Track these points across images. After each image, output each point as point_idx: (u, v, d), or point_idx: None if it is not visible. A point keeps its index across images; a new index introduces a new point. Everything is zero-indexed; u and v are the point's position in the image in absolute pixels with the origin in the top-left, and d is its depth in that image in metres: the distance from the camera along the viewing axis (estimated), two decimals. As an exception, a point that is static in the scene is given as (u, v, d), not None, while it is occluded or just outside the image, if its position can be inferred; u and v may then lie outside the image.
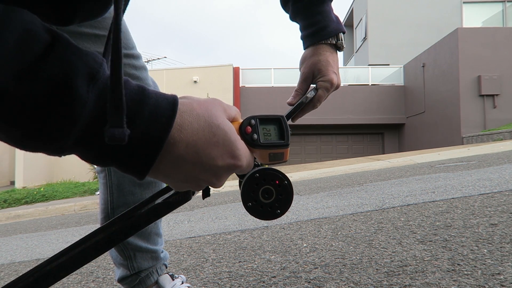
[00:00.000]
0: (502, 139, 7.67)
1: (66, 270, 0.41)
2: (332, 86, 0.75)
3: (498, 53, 9.65)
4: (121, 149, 0.32)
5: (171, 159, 0.34)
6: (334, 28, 0.74)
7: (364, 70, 13.86)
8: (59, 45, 0.29)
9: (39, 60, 0.27)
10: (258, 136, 0.41)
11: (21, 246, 2.95)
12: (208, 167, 0.36)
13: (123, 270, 0.95)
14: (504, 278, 1.02)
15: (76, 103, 0.29)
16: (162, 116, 0.32)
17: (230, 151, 0.37)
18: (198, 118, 0.35)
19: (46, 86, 0.27)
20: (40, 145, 0.30)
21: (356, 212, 2.28)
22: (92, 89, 0.29)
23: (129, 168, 0.34)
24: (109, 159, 0.33)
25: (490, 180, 2.77)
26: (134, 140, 0.32)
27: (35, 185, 9.60)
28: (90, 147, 0.32)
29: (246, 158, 0.39)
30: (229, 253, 1.72)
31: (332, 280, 1.18)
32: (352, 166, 6.05)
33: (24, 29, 0.27)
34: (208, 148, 0.35)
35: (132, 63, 0.82)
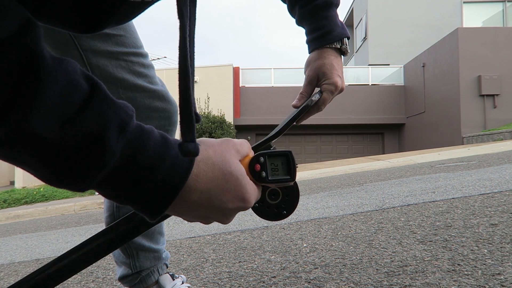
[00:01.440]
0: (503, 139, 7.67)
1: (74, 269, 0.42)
2: (336, 89, 0.76)
3: (498, 53, 9.65)
4: (138, 193, 0.35)
5: (185, 204, 0.37)
6: (339, 33, 0.75)
7: (364, 70, 13.85)
8: (97, 98, 0.31)
9: (79, 111, 0.30)
10: (266, 174, 0.43)
11: (21, 246, 2.95)
12: (219, 210, 0.39)
13: (125, 268, 0.95)
14: (504, 278, 1.01)
15: (106, 153, 0.31)
16: (181, 168, 0.35)
17: (240, 195, 0.40)
18: (213, 167, 0.38)
19: (82, 136, 0.30)
20: (66, 184, 0.33)
21: (356, 212, 2.28)
22: (121, 139, 0.32)
23: (143, 209, 0.36)
24: (127, 200, 0.35)
25: (491, 180, 2.77)
26: (152, 186, 0.34)
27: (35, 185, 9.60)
28: (112, 189, 0.34)
29: (254, 198, 0.42)
30: (229, 253, 1.72)
31: (332, 280, 1.18)
32: (352, 166, 6.05)
33: (68, 80, 0.29)
34: (221, 194, 0.38)
35: (141, 62, 0.83)
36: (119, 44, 0.78)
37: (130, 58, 0.80)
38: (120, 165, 0.33)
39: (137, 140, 0.33)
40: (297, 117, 0.71)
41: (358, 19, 17.51)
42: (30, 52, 0.27)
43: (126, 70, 0.79)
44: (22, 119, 0.27)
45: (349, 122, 12.89)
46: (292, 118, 0.70)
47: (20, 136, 0.28)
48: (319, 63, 0.75)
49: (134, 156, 0.33)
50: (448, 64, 10.18)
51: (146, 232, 0.94)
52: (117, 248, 0.45)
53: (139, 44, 0.84)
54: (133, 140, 0.33)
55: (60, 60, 0.30)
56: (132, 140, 0.33)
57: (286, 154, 0.45)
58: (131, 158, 0.33)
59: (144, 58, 0.84)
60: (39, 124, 0.28)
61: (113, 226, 0.44)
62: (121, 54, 0.78)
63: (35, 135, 0.28)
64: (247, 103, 12.90)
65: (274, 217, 0.49)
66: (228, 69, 12.91)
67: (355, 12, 18.29)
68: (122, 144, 0.32)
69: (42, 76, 0.28)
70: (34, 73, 0.27)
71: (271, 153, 0.45)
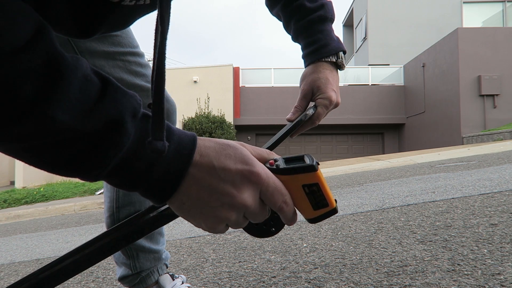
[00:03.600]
0: (502, 139, 7.67)
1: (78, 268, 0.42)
2: (331, 103, 0.75)
3: (498, 53, 9.65)
4: (147, 178, 0.37)
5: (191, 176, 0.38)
6: (335, 47, 0.76)
7: (364, 70, 13.85)
8: (111, 88, 0.35)
9: (97, 101, 0.33)
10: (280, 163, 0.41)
11: (21, 246, 2.95)
12: (223, 175, 0.38)
13: (125, 269, 0.95)
14: (504, 278, 1.01)
15: (124, 135, 0.34)
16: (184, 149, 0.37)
17: (242, 159, 0.39)
18: (209, 140, 0.40)
19: (105, 122, 0.33)
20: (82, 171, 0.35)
21: (356, 212, 2.28)
22: (134, 124, 0.36)
23: (152, 194, 0.38)
24: (136, 185, 0.37)
25: (490, 180, 2.77)
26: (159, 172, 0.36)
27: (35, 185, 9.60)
28: (122, 175, 0.36)
29: (261, 167, 0.39)
30: (229, 253, 1.72)
31: (332, 280, 1.18)
32: (352, 166, 6.05)
33: (84, 75, 0.33)
34: (221, 157, 0.38)
35: (138, 61, 0.83)
36: (115, 44, 0.78)
37: (127, 58, 0.80)
38: (134, 147, 0.35)
39: (146, 125, 0.37)
40: (291, 131, 0.71)
41: (358, 19, 17.51)
42: (51, 51, 0.30)
43: (124, 70, 0.79)
44: (50, 111, 0.30)
45: (349, 122, 12.89)
46: (286, 132, 0.70)
47: (49, 126, 0.31)
48: (314, 77, 0.75)
49: (144, 139, 0.36)
50: (448, 64, 10.18)
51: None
52: (121, 249, 0.45)
53: (135, 44, 0.84)
54: (143, 124, 0.36)
55: (77, 57, 0.33)
56: (142, 124, 0.36)
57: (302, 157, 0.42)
58: (142, 141, 0.36)
59: (140, 57, 0.85)
60: (65, 114, 0.31)
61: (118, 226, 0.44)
62: (118, 54, 0.78)
63: (62, 124, 0.31)
64: (247, 103, 12.91)
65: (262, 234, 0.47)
66: (228, 69, 12.91)
67: (355, 12, 18.29)
68: (135, 128, 0.36)
69: (64, 72, 0.31)
70: (58, 70, 0.31)
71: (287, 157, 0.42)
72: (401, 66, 13.37)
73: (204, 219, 0.39)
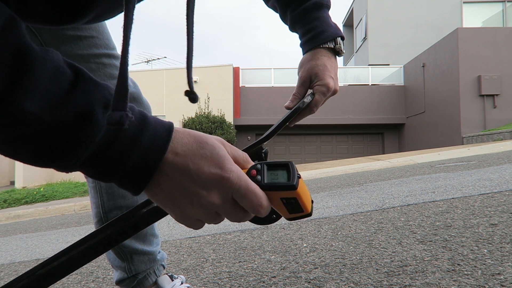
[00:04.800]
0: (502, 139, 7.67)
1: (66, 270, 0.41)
2: (328, 90, 0.75)
3: (498, 53, 9.65)
4: (121, 169, 0.37)
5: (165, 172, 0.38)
6: (332, 33, 0.75)
7: (364, 70, 13.85)
8: (82, 80, 0.35)
9: (67, 92, 0.33)
10: (262, 178, 0.41)
11: (21, 246, 2.95)
12: (196, 177, 0.38)
13: (121, 272, 0.95)
14: (504, 278, 1.01)
15: (95, 126, 0.34)
16: (160, 140, 0.37)
17: (217, 162, 0.39)
18: (189, 135, 0.39)
19: (74, 113, 0.33)
20: (57, 162, 0.35)
21: (356, 212, 2.28)
22: (107, 117, 0.35)
23: (127, 184, 0.38)
24: (111, 176, 0.37)
25: (490, 180, 2.77)
26: (133, 163, 0.36)
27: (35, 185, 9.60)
28: (96, 165, 0.36)
29: (236, 173, 0.39)
30: (229, 253, 1.72)
31: (332, 280, 1.18)
32: (352, 166, 6.05)
33: (55, 67, 0.33)
34: (196, 158, 0.38)
35: (113, 63, 0.82)
36: (91, 46, 0.77)
37: (101, 60, 0.79)
38: (106, 138, 0.35)
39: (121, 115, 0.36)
40: (289, 119, 0.70)
41: (358, 19, 17.51)
42: (19, 43, 0.31)
43: (97, 73, 0.78)
44: (18, 101, 0.31)
45: (349, 122, 12.88)
46: (284, 120, 0.69)
47: (18, 118, 0.31)
48: (312, 64, 0.74)
49: (117, 130, 0.36)
50: (448, 64, 10.18)
51: (138, 235, 0.93)
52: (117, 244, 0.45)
53: (111, 46, 0.83)
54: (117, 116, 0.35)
55: (47, 50, 0.34)
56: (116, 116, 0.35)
57: (286, 165, 0.42)
58: (115, 132, 0.36)
59: (116, 59, 0.83)
60: (34, 105, 0.31)
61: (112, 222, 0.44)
62: (92, 56, 0.78)
63: (31, 115, 0.31)
64: (247, 103, 12.91)
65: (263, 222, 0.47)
66: (228, 69, 12.91)
67: (355, 12, 18.29)
68: (108, 121, 0.35)
69: (33, 64, 0.31)
70: (25, 62, 0.31)
71: (270, 163, 0.42)
72: (401, 66, 13.37)
73: (175, 212, 0.40)
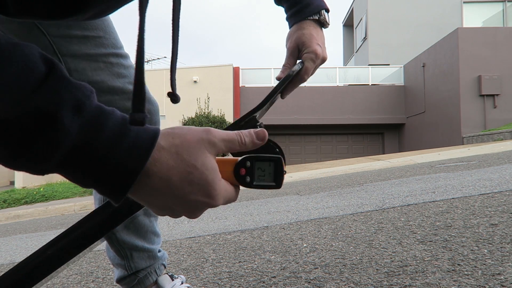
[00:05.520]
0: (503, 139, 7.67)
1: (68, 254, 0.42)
2: (317, 57, 0.76)
3: (498, 53, 9.65)
4: (98, 174, 0.35)
5: (147, 189, 0.37)
6: (317, 5, 0.77)
7: (364, 70, 13.85)
8: (52, 78, 0.32)
9: (33, 91, 0.31)
10: (251, 179, 0.43)
11: (21, 246, 2.95)
12: (181, 201, 0.38)
13: (121, 270, 0.95)
14: (504, 278, 1.01)
15: (60, 132, 0.32)
16: (140, 150, 0.35)
17: (205, 190, 0.38)
18: (176, 156, 0.37)
19: (35, 115, 0.31)
20: (24, 166, 0.34)
21: (356, 212, 2.28)
22: (76, 120, 0.33)
23: (105, 192, 0.36)
24: (89, 182, 0.35)
25: (491, 180, 2.77)
26: (111, 167, 0.34)
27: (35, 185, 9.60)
28: (71, 171, 0.34)
29: (223, 197, 0.40)
30: (229, 253, 1.72)
31: (332, 280, 1.18)
32: (352, 166, 6.05)
33: (24, 62, 0.31)
34: (182, 184, 0.37)
35: (121, 62, 0.82)
36: (98, 45, 0.77)
37: (109, 60, 0.79)
38: (78, 145, 0.33)
39: (95, 120, 0.34)
40: (280, 87, 0.71)
41: (358, 19, 17.51)
42: None
43: (105, 72, 0.79)
44: None
45: (349, 122, 12.88)
46: (275, 89, 0.70)
47: None
48: (299, 34, 0.76)
49: (91, 136, 0.33)
50: (448, 64, 10.18)
51: (138, 232, 0.93)
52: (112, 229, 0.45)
53: (118, 45, 0.83)
54: (90, 120, 0.33)
55: (17, 44, 0.31)
56: (89, 120, 0.33)
57: (275, 160, 0.44)
58: (88, 139, 0.33)
59: (124, 59, 0.84)
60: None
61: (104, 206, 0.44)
62: (100, 55, 0.78)
63: None
64: (247, 103, 12.90)
65: None
66: (228, 69, 12.91)
67: (355, 12, 18.28)
68: (78, 124, 0.33)
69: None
70: None
71: (260, 157, 0.43)
72: (401, 66, 13.36)
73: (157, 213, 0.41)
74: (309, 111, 12.88)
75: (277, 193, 4.13)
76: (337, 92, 13.15)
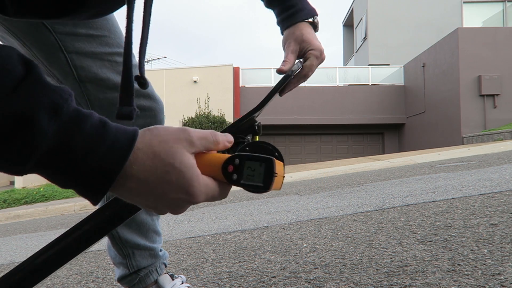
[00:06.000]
0: (503, 139, 7.67)
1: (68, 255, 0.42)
2: (321, 53, 0.77)
3: (498, 53, 9.65)
4: (76, 176, 0.35)
5: (125, 189, 0.37)
6: (310, 10, 0.79)
7: (364, 70, 13.85)
8: (29, 80, 0.32)
9: (10, 93, 0.31)
10: (239, 177, 0.41)
11: (21, 246, 2.95)
12: (162, 200, 0.38)
13: (123, 269, 0.95)
14: (504, 278, 1.01)
15: (36, 134, 0.32)
16: (118, 152, 0.35)
17: (185, 188, 0.38)
18: (153, 156, 0.37)
19: (11, 117, 0.31)
20: (2, 166, 0.34)
21: (356, 212, 2.28)
22: (53, 122, 0.33)
23: (83, 193, 0.36)
24: (66, 183, 0.36)
25: (491, 180, 2.77)
26: (89, 169, 0.35)
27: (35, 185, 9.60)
28: (50, 172, 0.35)
29: (205, 194, 0.40)
30: (229, 253, 1.72)
31: (332, 280, 1.18)
32: (352, 166, 6.05)
33: (1, 64, 0.31)
34: (160, 184, 0.37)
35: None
36: (103, 44, 0.78)
37: (114, 58, 0.80)
38: (55, 147, 0.33)
39: (72, 122, 0.34)
40: (278, 88, 0.70)
41: (358, 19, 17.51)
42: None
43: (111, 70, 0.80)
44: None
45: (349, 122, 12.88)
46: (273, 89, 0.68)
47: None
48: (298, 34, 0.77)
49: (68, 138, 0.33)
50: (448, 64, 10.18)
51: (140, 231, 0.94)
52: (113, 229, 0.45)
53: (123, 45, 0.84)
54: (67, 122, 0.33)
55: None
56: (66, 122, 0.33)
57: (266, 161, 0.41)
58: (65, 141, 0.33)
59: None
60: None
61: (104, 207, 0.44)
62: (106, 54, 0.79)
63: None
64: (247, 103, 12.90)
65: None
66: (228, 69, 12.91)
67: (355, 12, 18.28)
68: (56, 127, 0.33)
69: None
70: None
71: (251, 156, 0.42)
72: (401, 66, 13.36)
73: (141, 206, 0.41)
74: (309, 111, 12.88)
75: (277, 193, 4.13)
76: (337, 92, 13.15)
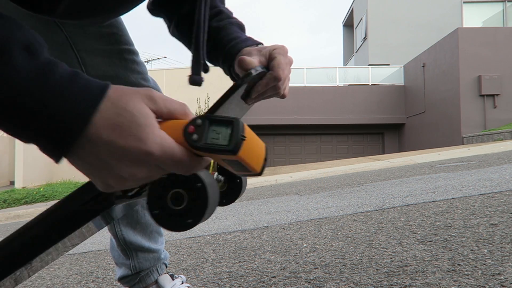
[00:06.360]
0: (503, 139, 7.67)
1: None
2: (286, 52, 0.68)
3: (498, 53, 9.65)
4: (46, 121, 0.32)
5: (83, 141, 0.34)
6: (255, 40, 0.73)
7: (364, 70, 13.85)
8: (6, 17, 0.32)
9: None
10: (200, 137, 0.35)
11: (21, 246, 2.95)
12: (111, 150, 0.34)
13: (125, 269, 0.96)
14: (504, 278, 1.01)
15: (10, 67, 0.31)
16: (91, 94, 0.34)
17: (135, 133, 0.34)
18: (107, 100, 0.35)
19: None
20: None
21: (356, 212, 2.28)
22: (30, 62, 0.32)
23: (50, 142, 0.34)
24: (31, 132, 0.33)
25: (491, 180, 2.77)
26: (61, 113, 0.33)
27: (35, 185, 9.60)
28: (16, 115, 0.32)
29: (159, 145, 0.35)
30: (229, 253, 1.72)
31: (332, 280, 1.18)
32: (352, 166, 6.05)
33: None
34: (110, 128, 0.34)
35: (134, 59, 0.84)
36: (112, 42, 0.79)
37: (123, 56, 0.81)
38: (27, 90, 0.32)
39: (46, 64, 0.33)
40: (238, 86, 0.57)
41: (358, 19, 17.51)
42: None
43: (120, 67, 0.80)
44: None
45: (349, 122, 12.88)
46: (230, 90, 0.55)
47: None
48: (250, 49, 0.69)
49: (42, 78, 0.32)
50: (448, 64, 10.18)
51: (144, 232, 0.95)
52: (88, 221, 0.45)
53: (130, 42, 0.85)
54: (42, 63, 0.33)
55: None
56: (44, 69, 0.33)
57: (232, 122, 0.35)
58: (39, 80, 0.32)
59: (136, 55, 0.85)
60: None
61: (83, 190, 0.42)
62: (115, 51, 0.79)
63: None
64: (247, 103, 12.89)
65: (177, 227, 0.42)
66: (228, 69, 12.90)
67: (355, 12, 18.29)
68: (32, 67, 0.32)
69: None
70: None
71: (215, 118, 0.36)
72: (401, 66, 13.37)
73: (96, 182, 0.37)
74: (309, 111, 12.88)
75: (277, 193, 4.13)
76: (337, 92, 13.15)
